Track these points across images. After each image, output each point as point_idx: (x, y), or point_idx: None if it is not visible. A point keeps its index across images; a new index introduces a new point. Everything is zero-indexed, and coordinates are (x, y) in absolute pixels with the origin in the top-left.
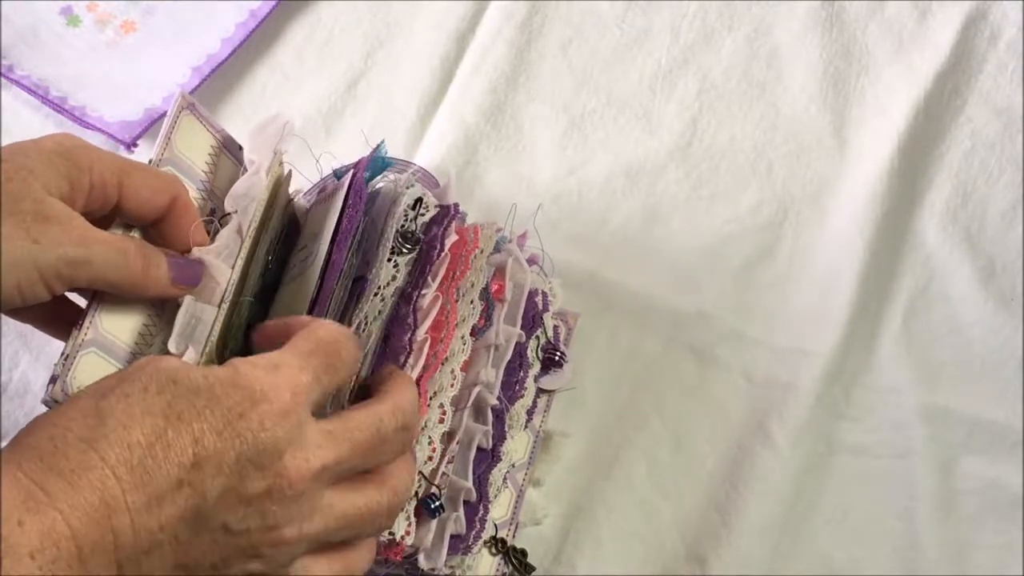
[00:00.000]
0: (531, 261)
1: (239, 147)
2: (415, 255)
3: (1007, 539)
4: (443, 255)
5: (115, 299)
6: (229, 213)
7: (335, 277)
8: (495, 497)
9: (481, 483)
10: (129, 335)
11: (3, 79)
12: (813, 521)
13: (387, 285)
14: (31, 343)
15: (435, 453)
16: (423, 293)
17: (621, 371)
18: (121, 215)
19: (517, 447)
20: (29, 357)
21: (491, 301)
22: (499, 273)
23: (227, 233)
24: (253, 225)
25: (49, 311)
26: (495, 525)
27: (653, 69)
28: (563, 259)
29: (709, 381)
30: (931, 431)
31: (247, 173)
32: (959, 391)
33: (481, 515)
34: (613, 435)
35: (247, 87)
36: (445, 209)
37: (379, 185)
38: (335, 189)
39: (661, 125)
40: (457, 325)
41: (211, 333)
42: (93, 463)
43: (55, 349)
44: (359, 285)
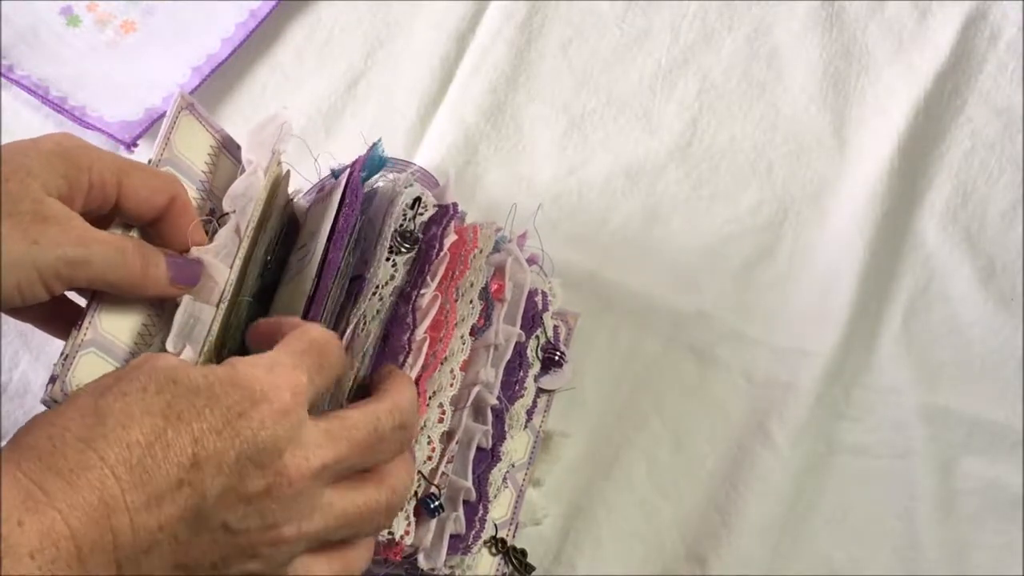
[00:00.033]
0: (531, 261)
1: (238, 147)
2: (414, 254)
3: (1007, 539)
4: (442, 255)
5: (114, 299)
6: (227, 213)
7: (332, 276)
8: (495, 497)
9: (481, 483)
10: (128, 335)
11: (3, 79)
12: (813, 521)
13: (385, 284)
14: (31, 343)
15: (434, 453)
16: (422, 293)
17: (621, 371)
18: (120, 214)
19: (517, 447)
20: (29, 357)
21: (491, 301)
22: (499, 273)
23: (225, 233)
24: (251, 225)
25: (49, 310)
26: (495, 525)
27: (653, 69)
28: (563, 259)
29: (709, 381)
30: (931, 431)
31: (245, 173)
32: (959, 391)
33: (481, 515)
34: (613, 435)
35: (247, 87)
36: (444, 209)
37: (378, 184)
38: (332, 188)
39: (661, 125)
40: (456, 325)
41: (209, 333)
42: (92, 463)
43: (55, 349)
44: (357, 284)
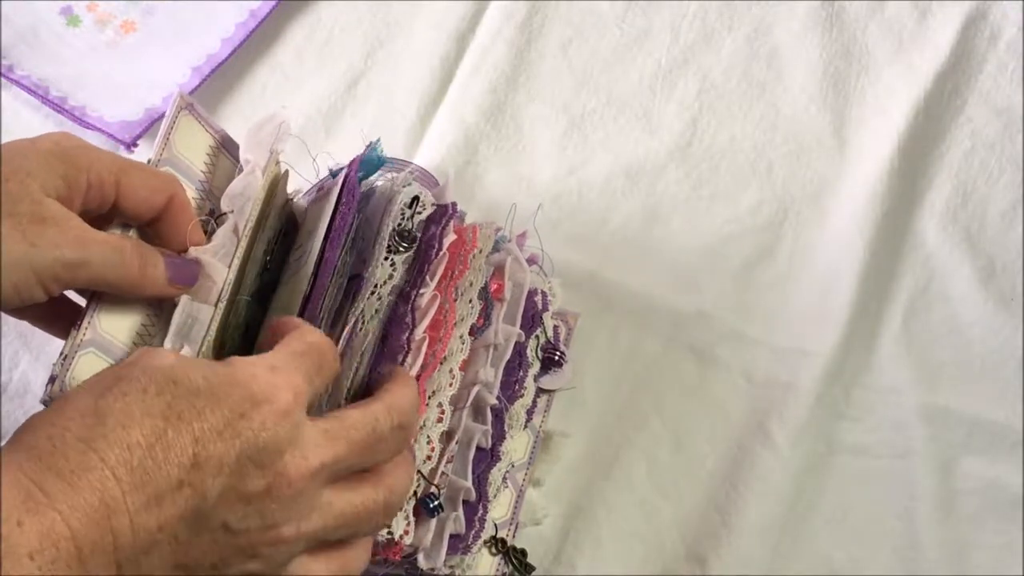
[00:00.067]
0: (531, 261)
1: (238, 147)
2: (412, 254)
3: (1007, 539)
4: (441, 254)
5: (113, 299)
6: (226, 213)
7: (328, 275)
8: (495, 497)
9: (480, 483)
10: (127, 335)
11: (3, 79)
12: (813, 521)
13: (384, 284)
14: (31, 343)
15: (434, 452)
16: (421, 292)
17: (621, 371)
18: (119, 214)
19: (517, 447)
20: (29, 357)
21: (490, 300)
22: (498, 272)
23: (223, 232)
24: (249, 224)
25: (48, 310)
26: (495, 525)
27: (653, 69)
28: (563, 259)
29: (709, 381)
30: (931, 431)
31: (242, 173)
32: (959, 391)
33: (480, 515)
34: (613, 435)
35: (247, 87)
36: (443, 208)
37: (376, 183)
38: (331, 188)
39: (661, 125)
40: (456, 324)
41: (207, 332)
42: (93, 464)
43: (55, 349)
44: (355, 283)
